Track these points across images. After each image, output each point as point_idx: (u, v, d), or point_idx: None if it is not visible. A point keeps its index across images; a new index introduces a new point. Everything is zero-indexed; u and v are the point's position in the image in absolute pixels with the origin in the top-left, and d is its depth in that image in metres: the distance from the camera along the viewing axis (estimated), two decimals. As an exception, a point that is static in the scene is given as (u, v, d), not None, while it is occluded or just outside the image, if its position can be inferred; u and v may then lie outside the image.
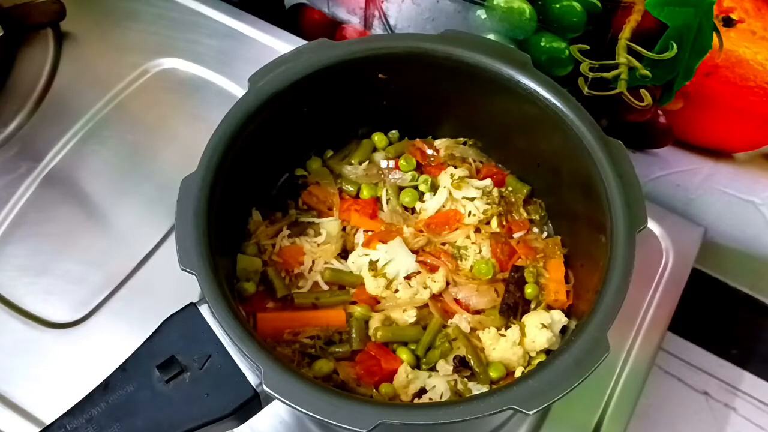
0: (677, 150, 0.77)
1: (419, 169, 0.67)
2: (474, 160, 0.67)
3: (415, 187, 0.65)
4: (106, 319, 0.69)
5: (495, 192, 0.63)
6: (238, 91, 0.83)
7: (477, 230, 0.63)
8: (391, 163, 0.66)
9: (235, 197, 0.57)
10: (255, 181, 0.63)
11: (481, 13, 0.72)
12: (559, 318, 0.58)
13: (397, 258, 0.60)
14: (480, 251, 0.62)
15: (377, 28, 0.83)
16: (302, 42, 0.86)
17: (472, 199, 0.62)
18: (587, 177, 0.55)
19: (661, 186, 0.80)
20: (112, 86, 0.83)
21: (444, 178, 0.64)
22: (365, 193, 0.65)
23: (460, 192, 0.62)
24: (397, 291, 0.59)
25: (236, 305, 0.49)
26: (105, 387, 0.46)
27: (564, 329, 0.59)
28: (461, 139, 0.68)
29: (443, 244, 0.62)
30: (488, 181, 0.64)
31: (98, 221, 0.75)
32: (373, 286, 0.59)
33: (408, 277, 0.60)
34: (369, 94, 0.63)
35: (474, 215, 0.62)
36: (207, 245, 0.49)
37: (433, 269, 0.61)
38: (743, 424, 0.80)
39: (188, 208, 0.51)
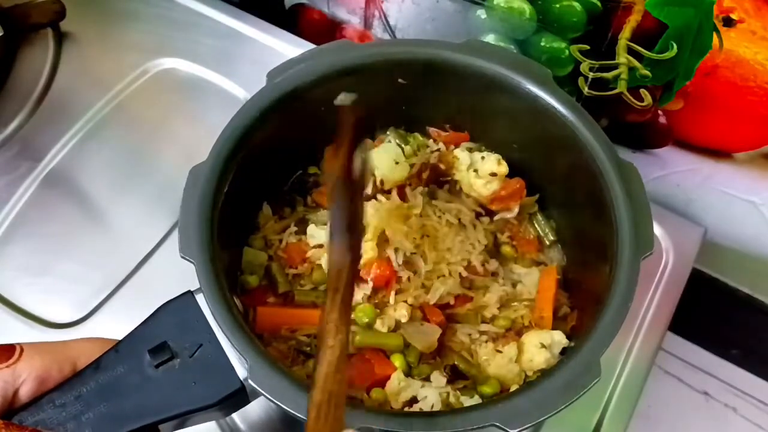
0: (677, 150, 0.77)
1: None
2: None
3: None
4: (107, 319, 0.69)
5: None
6: (238, 91, 0.83)
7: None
8: None
9: (245, 190, 0.56)
10: (267, 176, 0.62)
11: (481, 13, 0.72)
12: (559, 339, 0.56)
13: None
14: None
15: (377, 29, 0.83)
16: (303, 42, 0.86)
17: None
18: (598, 198, 0.54)
19: (661, 186, 0.80)
20: (112, 86, 0.83)
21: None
22: None
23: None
24: None
25: (233, 297, 0.48)
26: (96, 367, 0.46)
27: (565, 351, 0.57)
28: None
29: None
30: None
31: (98, 221, 0.75)
32: None
33: None
34: (388, 97, 0.62)
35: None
36: (209, 234, 0.49)
37: None
38: (743, 424, 0.81)
39: (194, 196, 0.50)
